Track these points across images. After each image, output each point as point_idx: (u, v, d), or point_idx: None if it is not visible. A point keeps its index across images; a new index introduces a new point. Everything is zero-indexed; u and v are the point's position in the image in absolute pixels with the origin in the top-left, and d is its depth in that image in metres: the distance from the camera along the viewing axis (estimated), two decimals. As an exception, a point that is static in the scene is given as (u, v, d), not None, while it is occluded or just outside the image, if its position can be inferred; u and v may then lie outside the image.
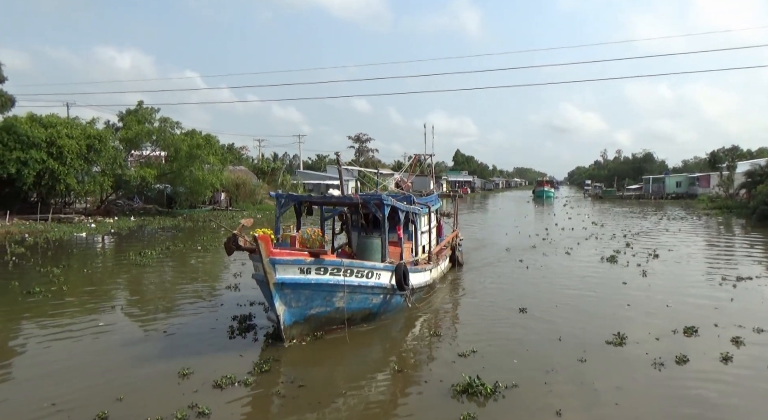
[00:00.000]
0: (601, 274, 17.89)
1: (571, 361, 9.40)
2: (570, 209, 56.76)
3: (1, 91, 41.30)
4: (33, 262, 20.38)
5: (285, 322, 10.00)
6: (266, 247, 9.50)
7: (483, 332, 11.33)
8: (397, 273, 11.72)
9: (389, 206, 12.30)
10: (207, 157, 43.69)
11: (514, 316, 12.56)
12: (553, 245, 25.40)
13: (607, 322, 11.78)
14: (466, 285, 16.57)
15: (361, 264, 11.23)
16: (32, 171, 33.91)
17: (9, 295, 14.88)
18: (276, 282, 9.71)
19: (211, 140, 45.76)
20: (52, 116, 38.03)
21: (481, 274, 18.24)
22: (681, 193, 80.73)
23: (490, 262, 20.70)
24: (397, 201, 13.30)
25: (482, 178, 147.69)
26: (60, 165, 35.06)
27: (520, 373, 8.82)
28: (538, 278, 17.34)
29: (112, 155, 39.51)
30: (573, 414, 7.39)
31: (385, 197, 12.29)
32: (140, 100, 46.18)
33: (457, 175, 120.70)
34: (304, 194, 13.80)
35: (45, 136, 34.93)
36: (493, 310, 13.30)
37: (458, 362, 9.42)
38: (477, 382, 8.02)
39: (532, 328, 11.52)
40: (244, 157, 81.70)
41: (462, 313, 13.39)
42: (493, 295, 14.94)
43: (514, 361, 9.46)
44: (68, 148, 35.39)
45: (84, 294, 15.20)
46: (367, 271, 11.14)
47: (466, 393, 7.91)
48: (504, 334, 11.15)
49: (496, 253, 23.11)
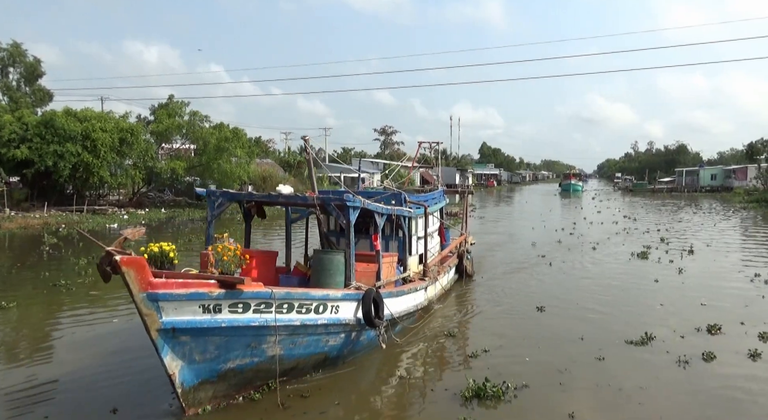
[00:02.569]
0: (629, 271, 17.40)
1: (589, 359, 9.16)
2: (599, 202, 55.66)
3: (40, 86, 42.48)
4: (65, 252, 20.96)
5: (184, 383, 6.74)
6: (139, 276, 6.08)
7: (495, 332, 10.90)
8: (365, 303, 8.57)
9: (357, 209, 9.06)
10: (235, 150, 44.20)
11: (530, 315, 12.16)
12: (580, 240, 24.87)
13: (631, 321, 11.46)
14: (474, 301, 13.61)
15: (305, 294, 7.81)
16: (68, 164, 34.85)
17: (36, 286, 15.06)
18: (161, 328, 6.37)
19: (238, 133, 46.26)
20: (86, 110, 38.96)
21: (498, 278, 16.17)
22: (716, 186, 78.28)
23: (511, 261, 19.51)
24: (380, 200, 10.97)
25: (509, 171, 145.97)
26: (94, 158, 35.95)
27: (533, 373, 8.53)
28: (559, 275, 16.84)
29: (144, 148, 40.35)
30: (590, 414, 7.18)
31: (350, 197, 8.80)
32: (171, 94, 47.01)
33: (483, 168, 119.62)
34: (261, 194, 10.48)
35: (80, 129, 35.81)
36: (508, 308, 12.78)
37: (468, 364, 9.07)
38: (486, 387, 7.65)
39: (547, 328, 11.14)
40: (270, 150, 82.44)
41: (471, 320, 11.99)
42: (509, 296, 13.95)
43: (526, 359, 9.21)
44: (102, 142, 36.24)
45: (106, 288, 14.78)
46: (317, 304, 7.89)
47: (477, 398, 7.57)
48: (517, 334, 10.78)
49: (519, 250, 22.71)
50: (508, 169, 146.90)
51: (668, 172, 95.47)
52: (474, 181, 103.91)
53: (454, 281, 15.14)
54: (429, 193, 14.99)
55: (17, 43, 40.79)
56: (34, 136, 34.37)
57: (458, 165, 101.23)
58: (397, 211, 10.93)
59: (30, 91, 41.66)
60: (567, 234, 27.10)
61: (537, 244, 23.56)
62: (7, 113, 36.16)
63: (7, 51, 40.07)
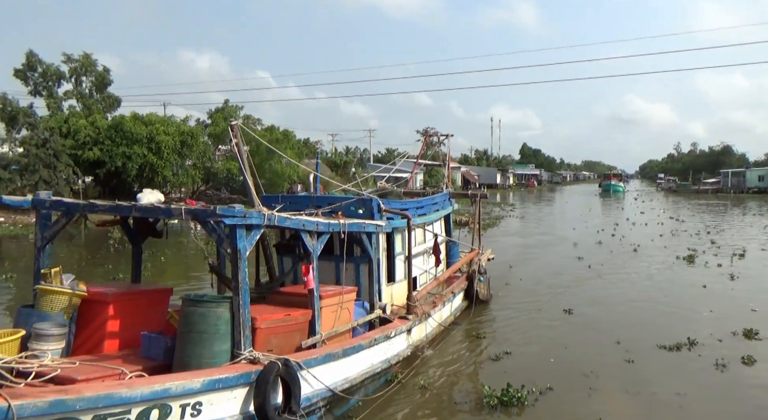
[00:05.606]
0: (674, 275, 16.83)
1: (619, 363, 8.88)
2: (641, 203, 54.33)
3: (109, 93, 45.03)
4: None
5: None
6: None
7: (518, 333, 10.46)
8: (258, 389, 5.17)
9: (243, 226, 5.48)
10: (285, 151, 45.65)
11: (557, 317, 11.64)
12: (621, 242, 24.49)
13: (673, 326, 11.09)
14: (485, 335, 10.51)
15: (109, 396, 4.16)
16: (135, 164, 37.19)
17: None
18: None
19: (288, 135, 47.83)
20: (151, 115, 41.26)
21: (525, 290, 14.19)
22: (764, 187, 74.81)
23: (547, 264, 18.69)
24: (340, 209, 7.92)
25: (549, 172, 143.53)
26: (158, 159, 38.18)
27: (558, 376, 8.15)
28: (596, 278, 16.15)
29: (202, 150, 42.37)
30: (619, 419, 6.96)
31: (227, 209, 5.31)
32: (226, 99, 48.95)
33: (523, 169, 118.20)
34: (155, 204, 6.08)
35: (145, 132, 38.07)
36: (532, 310, 12.16)
37: (490, 367, 8.70)
38: (509, 392, 7.28)
39: (575, 331, 10.74)
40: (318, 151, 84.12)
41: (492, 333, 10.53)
42: (535, 301, 12.98)
43: (551, 360, 8.90)
44: (165, 144, 38.44)
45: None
46: (144, 410, 4.41)
47: (501, 405, 7.20)
48: (542, 335, 10.34)
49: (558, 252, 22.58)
50: (548, 169, 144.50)
51: (713, 173, 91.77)
52: (515, 182, 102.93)
53: (461, 310, 11.68)
54: (426, 198, 11.27)
55: (87, 54, 43.37)
56: (105, 138, 36.89)
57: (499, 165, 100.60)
58: (353, 226, 7.34)
59: (100, 97, 44.25)
60: (608, 235, 26.79)
61: (578, 244, 23.42)
62: (82, 118, 38.70)
63: (80, 62, 42.66)
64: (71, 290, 5.76)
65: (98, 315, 5.92)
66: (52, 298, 5.61)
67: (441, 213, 11.60)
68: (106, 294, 5.99)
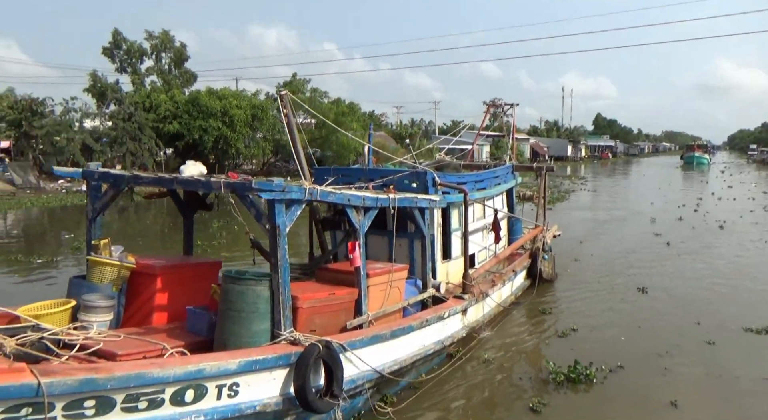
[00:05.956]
0: (763, 255, 15.28)
1: (698, 344, 8.23)
2: (729, 176, 49.68)
3: (186, 68, 46.59)
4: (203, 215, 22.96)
5: None
6: None
7: (585, 311, 9.94)
8: (299, 372, 4.79)
9: (283, 201, 5.08)
10: (351, 123, 45.56)
11: (630, 297, 10.91)
12: (705, 218, 22.41)
13: (760, 307, 10.14)
14: (553, 312, 9.96)
15: (140, 376, 3.93)
16: (211, 137, 38.58)
17: (176, 245, 15.73)
18: None
19: (354, 108, 47.71)
20: (224, 89, 42.37)
21: (594, 270, 13.11)
22: None
23: (619, 241, 17.49)
24: (391, 182, 7.36)
25: (625, 143, 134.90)
26: (231, 132, 39.37)
27: (629, 355, 7.72)
28: (675, 256, 14.99)
29: (272, 123, 43.14)
30: (696, 404, 6.44)
31: (265, 183, 4.97)
32: (294, 73, 49.22)
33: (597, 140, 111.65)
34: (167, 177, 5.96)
35: (220, 107, 39.22)
36: (603, 289, 11.47)
37: (555, 344, 8.35)
38: (577, 369, 6.97)
39: (649, 310, 10.04)
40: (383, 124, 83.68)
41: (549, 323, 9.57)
42: (603, 278, 12.35)
43: (621, 339, 8.42)
44: (238, 117, 39.53)
45: (237, 251, 14.86)
46: (179, 389, 4.17)
47: (569, 381, 6.90)
48: (613, 315, 9.77)
49: (633, 227, 21.04)
50: (624, 140, 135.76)
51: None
52: (587, 154, 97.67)
53: (522, 289, 10.95)
54: (487, 171, 10.67)
55: (166, 31, 44.86)
56: (183, 112, 38.45)
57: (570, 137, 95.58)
58: (403, 201, 6.81)
59: (178, 73, 45.89)
60: (690, 211, 24.59)
61: (656, 220, 21.67)
62: (163, 93, 40.41)
63: (159, 38, 44.24)
64: (119, 262, 5.68)
65: (147, 288, 5.82)
66: (101, 270, 5.55)
67: (503, 187, 10.84)
68: (154, 267, 5.87)
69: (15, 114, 33.26)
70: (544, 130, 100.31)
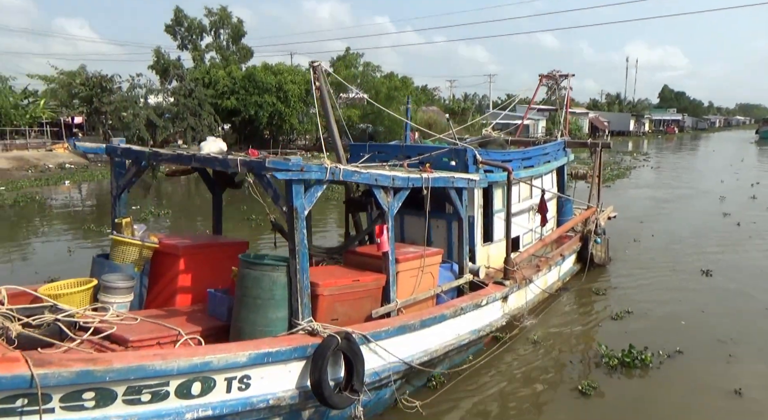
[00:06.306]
0: None
1: (766, 330, 7.60)
2: (812, 153, 45.09)
3: (243, 44, 46.90)
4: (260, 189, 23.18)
5: None
6: None
7: (642, 293, 9.44)
8: (315, 364, 4.41)
9: (301, 182, 4.64)
10: (403, 98, 44.56)
11: (693, 279, 10.23)
12: (782, 198, 20.30)
13: None
14: (607, 294, 9.42)
15: (141, 368, 3.63)
16: (266, 113, 38.88)
17: (230, 219, 15.29)
18: None
19: (406, 82, 46.55)
20: (279, 64, 42.38)
21: (651, 252, 12.18)
22: None
23: (683, 221, 16.24)
24: (429, 159, 7.00)
25: (694, 117, 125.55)
26: (286, 107, 39.45)
27: (690, 340, 7.24)
28: (744, 238, 13.65)
29: (325, 98, 42.89)
30: (764, 393, 5.88)
31: (280, 162, 4.42)
32: (347, 47, 48.67)
33: (662, 114, 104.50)
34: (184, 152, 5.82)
35: (274, 82, 39.29)
36: (662, 271, 10.78)
37: (608, 327, 7.93)
38: (632, 353, 6.61)
39: (713, 295, 9.38)
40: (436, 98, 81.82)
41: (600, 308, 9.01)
42: (660, 258, 11.64)
43: (681, 323, 7.88)
44: (292, 93, 39.50)
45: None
46: (184, 382, 3.86)
47: (623, 365, 6.55)
48: (672, 298, 9.17)
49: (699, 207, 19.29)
50: (693, 114, 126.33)
51: None
52: (651, 128, 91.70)
53: (571, 275, 10.13)
54: (535, 148, 9.71)
55: (224, 8, 45.12)
56: (240, 88, 38.83)
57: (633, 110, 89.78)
58: (438, 180, 6.25)
59: (236, 49, 46.28)
60: (765, 189, 22.33)
61: (725, 198, 19.87)
62: (221, 69, 40.92)
63: (218, 15, 44.62)
64: (140, 242, 5.45)
65: (170, 268, 5.57)
66: (123, 250, 5.35)
67: (553, 165, 9.93)
68: (177, 247, 5.58)
69: (87, 91, 34.70)
70: (605, 103, 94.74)
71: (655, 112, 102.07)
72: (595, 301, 9.18)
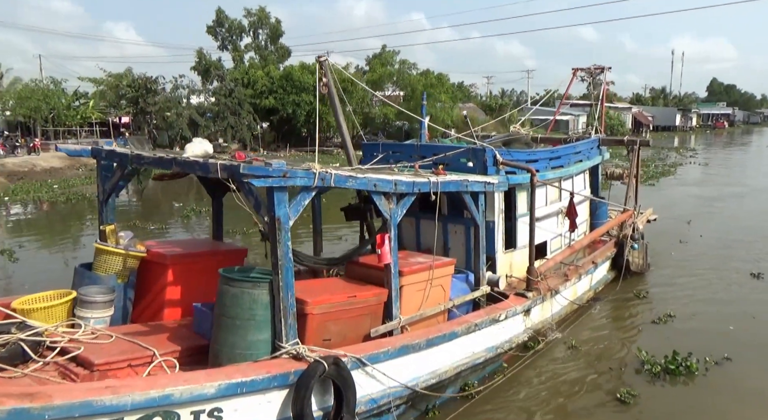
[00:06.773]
0: None
1: None
2: None
3: (281, 44, 46.95)
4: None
5: None
6: None
7: (687, 296, 8.79)
8: (298, 392, 3.84)
9: (284, 189, 4.07)
10: (439, 95, 43.61)
11: (744, 282, 9.48)
12: None
13: None
14: (648, 296, 8.80)
15: (84, 404, 3.07)
16: (303, 111, 38.78)
17: (247, 221, 15.68)
18: None
19: (442, 79, 45.45)
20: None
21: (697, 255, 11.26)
22: None
23: (733, 221, 15.04)
24: (443, 160, 6.39)
25: (745, 110, 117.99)
26: (323, 105, 39.09)
27: (738, 347, 6.69)
28: None
29: (361, 96, 42.35)
30: None
31: (258, 168, 3.87)
32: (384, 44, 47.81)
33: (711, 108, 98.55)
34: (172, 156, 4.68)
35: (312, 81, 39.03)
36: (710, 273, 10.03)
37: (648, 331, 7.41)
38: (676, 360, 6.12)
39: (766, 299, 8.69)
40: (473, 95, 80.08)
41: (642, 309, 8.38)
42: (718, 264, 10.62)
43: (729, 328, 7.30)
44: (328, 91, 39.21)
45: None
46: (151, 416, 3.36)
47: (666, 372, 6.07)
48: (720, 302, 8.55)
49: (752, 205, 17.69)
50: (744, 108, 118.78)
51: None
52: (699, 123, 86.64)
53: (605, 283, 9.12)
54: (566, 146, 8.72)
55: (263, 8, 45.24)
56: (278, 87, 38.90)
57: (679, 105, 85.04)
58: (449, 184, 5.55)
59: (274, 48, 46.39)
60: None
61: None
62: (259, 69, 41.11)
63: (257, 15, 44.79)
64: (125, 251, 4.97)
65: (157, 279, 5.07)
66: (105, 259, 4.87)
67: (585, 164, 8.92)
68: (165, 256, 5.08)
69: (133, 92, 35.47)
70: (649, 98, 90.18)
71: (702, 107, 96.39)
72: (632, 306, 8.48)
